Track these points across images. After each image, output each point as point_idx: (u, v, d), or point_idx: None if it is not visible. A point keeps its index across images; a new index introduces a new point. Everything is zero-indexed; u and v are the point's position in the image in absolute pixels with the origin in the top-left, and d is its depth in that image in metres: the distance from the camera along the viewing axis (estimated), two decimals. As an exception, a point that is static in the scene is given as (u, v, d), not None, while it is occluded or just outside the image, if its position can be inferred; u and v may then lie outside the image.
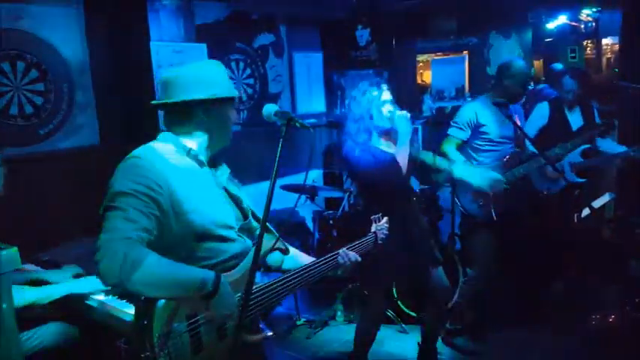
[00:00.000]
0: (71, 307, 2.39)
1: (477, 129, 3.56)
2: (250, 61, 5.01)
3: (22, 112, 3.55)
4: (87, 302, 2.39)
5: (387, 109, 2.86)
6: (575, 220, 3.13)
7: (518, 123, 3.59)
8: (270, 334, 1.77)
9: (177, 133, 1.76)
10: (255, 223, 1.88)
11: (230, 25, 4.76)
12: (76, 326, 2.50)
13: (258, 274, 1.81)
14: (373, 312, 3.12)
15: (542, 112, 4.03)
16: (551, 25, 5.44)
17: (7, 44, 3.46)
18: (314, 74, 5.66)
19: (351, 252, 2.08)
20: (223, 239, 1.71)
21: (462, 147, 3.64)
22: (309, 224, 4.69)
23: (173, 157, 1.69)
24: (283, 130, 1.63)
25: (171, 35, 4.21)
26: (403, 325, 3.91)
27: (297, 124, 1.65)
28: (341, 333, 3.95)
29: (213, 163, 1.84)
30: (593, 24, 5.95)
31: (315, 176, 5.42)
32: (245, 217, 1.85)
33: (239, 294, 1.66)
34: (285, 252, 1.96)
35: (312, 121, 5.66)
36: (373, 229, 2.32)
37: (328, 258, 2.01)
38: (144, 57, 3.89)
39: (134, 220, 1.50)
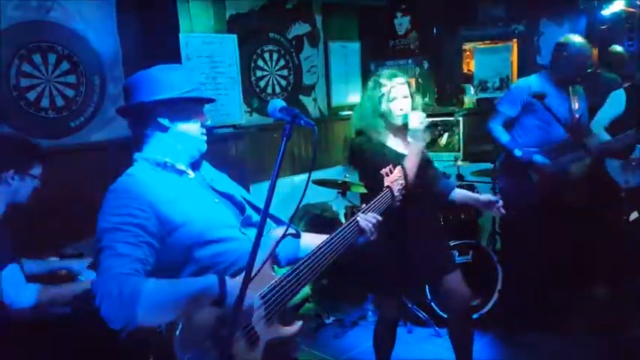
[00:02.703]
0: None
1: (529, 105, 3.35)
2: (284, 51, 4.90)
3: (54, 105, 3.57)
4: None
5: (399, 105, 2.57)
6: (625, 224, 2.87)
7: (576, 106, 3.38)
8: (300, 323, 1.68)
9: (146, 150, 1.69)
10: (257, 216, 1.78)
11: (263, 15, 4.65)
12: None
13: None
14: (384, 317, 2.95)
15: (618, 101, 3.72)
16: (606, 12, 5.08)
17: (38, 36, 3.46)
18: (351, 64, 5.48)
19: (369, 214, 1.98)
20: (226, 241, 1.62)
21: (510, 125, 3.45)
22: (342, 219, 4.59)
23: (150, 176, 1.62)
24: (287, 128, 1.50)
25: (201, 26, 4.14)
26: (437, 329, 3.74)
27: (302, 123, 1.51)
28: (371, 334, 3.79)
29: (194, 167, 1.77)
30: (655, 9, 5.53)
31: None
32: (242, 211, 1.76)
33: (262, 290, 1.58)
34: (297, 236, 1.85)
35: (348, 113, 5.48)
36: (386, 182, 2.15)
37: (349, 225, 1.90)
38: (173, 49, 3.84)
39: (125, 254, 1.44)
